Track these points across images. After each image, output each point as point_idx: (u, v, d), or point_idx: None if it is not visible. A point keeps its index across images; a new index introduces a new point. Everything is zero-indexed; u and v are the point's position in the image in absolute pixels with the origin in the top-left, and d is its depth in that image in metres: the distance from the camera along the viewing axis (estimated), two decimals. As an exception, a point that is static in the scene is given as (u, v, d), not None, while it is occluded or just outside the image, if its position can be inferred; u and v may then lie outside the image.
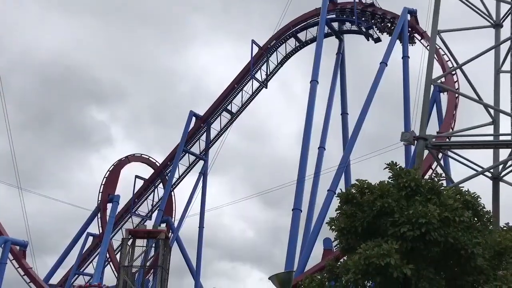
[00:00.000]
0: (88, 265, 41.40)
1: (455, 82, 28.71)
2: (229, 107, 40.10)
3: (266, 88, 39.77)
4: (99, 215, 39.17)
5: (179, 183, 41.34)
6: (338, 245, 9.14)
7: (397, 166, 8.74)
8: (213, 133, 40.68)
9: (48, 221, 66.85)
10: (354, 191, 8.87)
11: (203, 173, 39.68)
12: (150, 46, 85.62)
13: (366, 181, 8.83)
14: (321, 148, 30.68)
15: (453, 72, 27.53)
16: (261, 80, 39.53)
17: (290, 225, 26.22)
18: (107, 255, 36.71)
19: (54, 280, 39.55)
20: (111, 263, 38.68)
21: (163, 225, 36.20)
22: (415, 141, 18.79)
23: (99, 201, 39.40)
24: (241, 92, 39.78)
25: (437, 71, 25.98)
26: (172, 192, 41.54)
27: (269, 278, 10.54)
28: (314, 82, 31.22)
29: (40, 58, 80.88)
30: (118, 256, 34.91)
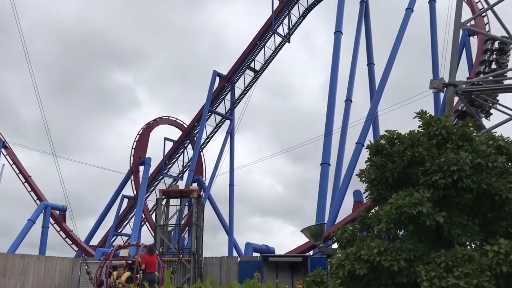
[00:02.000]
0: (125, 226, 42.96)
1: (486, 24, 27.59)
2: (252, 65, 39.74)
3: (289, 42, 39.11)
4: (132, 177, 40.22)
5: (207, 143, 41.84)
6: (368, 196, 9.14)
7: (427, 115, 8.55)
8: (237, 92, 40.61)
9: (83, 185, 69.05)
10: (384, 142, 8.76)
11: (230, 133, 39.92)
12: (169, 4, 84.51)
13: (396, 132, 8.70)
14: (348, 100, 30.33)
15: (483, 14, 26.40)
16: (283, 35, 38.83)
17: (319, 179, 26.38)
18: (143, 215, 37.90)
19: (94, 241, 41.31)
20: (147, 223, 40.02)
21: (195, 185, 36.94)
22: (445, 88, 18.32)
23: (131, 164, 40.37)
24: (263, 48, 39.26)
25: (466, 14, 24.97)
26: (201, 152, 42.15)
27: (301, 231, 10.73)
28: (338, 33, 30.55)
29: (60, 22, 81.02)
30: (153, 216, 36.08)
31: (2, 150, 37.55)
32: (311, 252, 24.07)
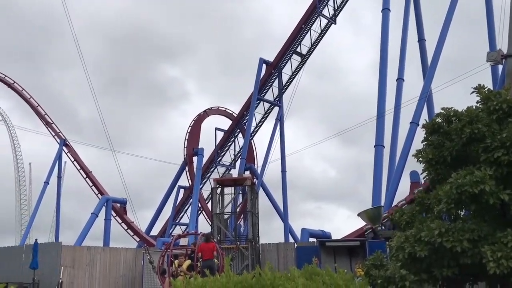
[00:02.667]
0: (183, 215, 44.16)
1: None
2: (298, 49, 39.32)
3: (335, 24, 38.38)
4: (186, 168, 41.19)
5: (257, 131, 42.03)
6: (426, 177, 8.92)
7: (485, 89, 8.19)
8: (285, 78, 40.37)
9: (140, 178, 71.55)
10: (440, 120, 8.49)
11: (279, 119, 39.86)
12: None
13: (452, 109, 8.41)
14: (400, 79, 29.48)
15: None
16: (329, 17, 38.14)
17: (373, 162, 25.93)
18: (199, 204, 38.77)
19: (154, 231, 42.74)
20: (203, 212, 40.93)
21: (247, 173, 37.30)
22: (503, 60, 17.42)
23: (185, 155, 41.31)
24: (309, 32, 38.75)
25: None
26: (252, 141, 42.43)
27: (358, 215, 10.66)
28: (385, 10, 29.69)
29: (108, 21, 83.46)
30: (209, 205, 36.81)
31: (64, 148, 39.45)
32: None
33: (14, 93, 40.41)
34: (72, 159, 39.61)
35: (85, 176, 39.01)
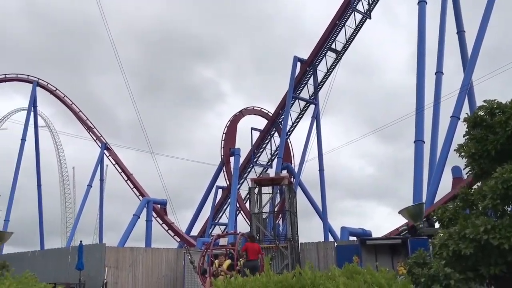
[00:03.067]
0: (222, 215, 44.54)
1: None
2: (333, 46, 38.94)
3: (370, 18, 37.79)
4: (224, 168, 41.52)
5: (293, 130, 41.90)
6: (469, 172, 8.65)
7: (531, 80, 7.86)
8: (320, 75, 40.04)
9: (179, 179, 72.62)
10: (483, 113, 8.22)
11: (316, 117, 39.59)
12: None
13: (495, 101, 8.12)
14: (439, 73, 28.75)
15: None
16: (363, 11, 37.61)
17: (413, 158, 25.39)
18: (237, 204, 39.00)
19: (194, 231, 43.31)
20: (241, 211, 41.15)
21: (284, 172, 37.26)
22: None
23: (222, 156, 41.66)
24: (343, 28, 38.31)
25: None
26: (288, 139, 42.35)
27: (399, 212, 10.45)
28: (422, 2, 29.08)
29: (143, 26, 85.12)
30: (247, 205, 36.99)
31: (105, 151, 40.54)
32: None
33: (56, 99, 41.85)
34: (114, 162, 40.66)
35: (126, 178, 39.95)
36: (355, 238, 24.66)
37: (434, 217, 8.62)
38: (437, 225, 9.08)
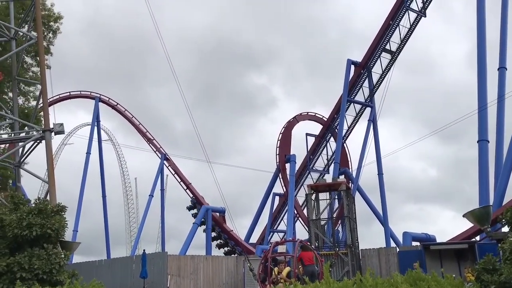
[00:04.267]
0: (280, 222, 44.50)
1: None
2: (387, 47, 38.11)
3: (425, 16, 36.67)
4: (280, 175, 41.49)
5: (349, 134, 41.28)
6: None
7: None
8: (375, 77, 39.27)
9: (235, 186, 73.44)
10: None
11: (372, 120, 38.80)
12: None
13: None
14: (502, 68, 27.30)
15: None
16: (417, 10, 36.57)
17: (478, 158, 24.27)
18: (295, 211, 38.82)
19: (253, 239, 43.53)
20: (299, 218, 40.91)
21: (342, 177, 36.71)
22: None
23: (277, 163, 41.67)
24: (397, 27, 37.40)
25: None
26: (344, 144, 41.74)
27: (464, 216, 10.00)
28: (480, -5, 27.83)
29: (195, 35, 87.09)
30: (305, 211, 36.73)
31: (165, 162, 41.69)
32: (477, 238, 22.25)
33: (117, 113, 43.63)
34: (173, 172, 41.73)
35: (185, 187, 40.85)
36: (418, 244, 23.85)
37: (503, 220, 8.20)
38: (506, 228, 8.61)
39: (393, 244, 34.75)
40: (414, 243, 27.19)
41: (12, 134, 20.16)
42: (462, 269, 16.67)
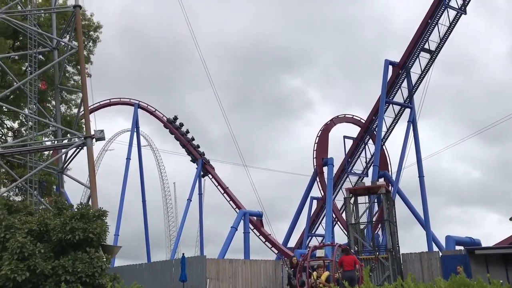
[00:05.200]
0: (318, 226, 44.12)
1: None
2: (426, 46, 37.27)
3: (465, 14, 35.68)
4: (317, 179, 41.18)
5: (388, 136, 40.56)
6: None
7: None
8: (414, 77, 38.48)
9: (272, 190, 73.31)
10: None
11: (412, 121, 38.00)
12: (325, 0, 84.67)
13: None
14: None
15: None
16: (457, 7, 35.62)
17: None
18: (333, 215, 38.42)
19: (291, 243, 43.32)
20: (338, 222, 40.46)
21: (381, 180, 36.06)
22: None
23: (315, 166, 41.37)
24: (436, 26, 36.53)
25: None
26: (383, 146, 41.03)
27: (510, 219, 9.63)
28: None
29: (229, 40, 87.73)
30: (343, 215, 36.30)
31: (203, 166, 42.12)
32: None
33: (155, 118, 44.44)
34: (211, 177, 42.12)
35: (222, 192, 41.14)
36: (462, 248, 23.15)
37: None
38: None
39: (435, 249, 33.89)
40: (458, 247, 26.45)
41: (55, 141, 20.87)
42: (510, 275, 16.04)
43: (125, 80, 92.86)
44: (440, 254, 20.03)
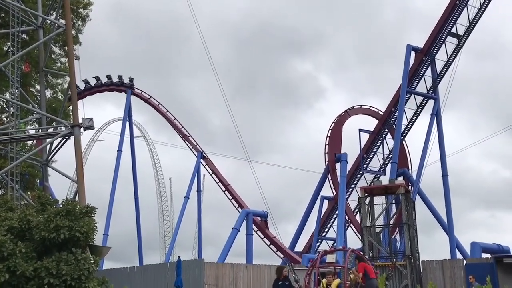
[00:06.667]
0: (329, 229, 44.19)
1: None
2: (453, 30, 37.09)
3: (498, -6, 35.44)
4: (329, 176, 41.20)
5: (409, 129, 40.49)
6: None
7: None
8: (439, 65, 38.36)
9: (278, 188, 73.36)
10: None
11: (436, 114, 37.93)
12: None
13: None
14: None
15: None
16: (489, -13, 35.35)
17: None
18: (346, 217, 38.49)
19: (299, 247, 43.42)
20: (351, 225, 40.52)
21: (400, 179, 35.98)
22: None
23: (326, 162, 41.37)
24: (465, 7, 36.31)
25: None
26: (403, 141, 40.97)
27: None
28: None
29: (232, 22, 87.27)
30: (357, 217, 36.32)
31: (201, 161, 42.24)
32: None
33: (148, 106, 44.54)
34: (210, 172, 42.26)
35: (224, 189, 41.27)
36: (489, 256, 23.16)
37: None
38: None
39: (459, 256, 33.92)
40: (484, 255, 26.46)
41: (40, 130, 20.93)
42: (541, 286, 16.04)
43: (115, 63, 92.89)
44: (465, 262, 20.08)
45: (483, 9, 35.87)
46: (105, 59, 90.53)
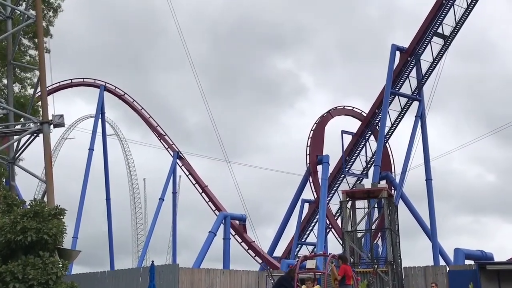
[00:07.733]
0: (309, 233, 44.38)
1: None
2: (439, 30, 37.57)
3: (485, -6, 36.01)
4: (310, 179, 41.32)
5: (392, 132, 40.88)
6: None
7: None
8: (424, 66, 38.79)
9: (257, 190, 73.36)
10: None
11: (420, 116, 38.36)
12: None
13: None
14: None
15: None
16: (476, -13, 35.92)
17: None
18: (327, 221, 38.66)
19: (278, 252, 43.53)
20: (332, 229, 40.72)
21: (383, 182, 36.39)
22: None
23: (307, 164, 41.51)
24: (452, 7, 36.83)
25: None
26: (387, 144, 41.38)
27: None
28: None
29: (210, 15, 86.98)
30: (339, 221, 36.55)
31: (178, 161, 42.06)
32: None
33: (122, 103, 44.18)
34: (187, 173, 42.10)
35: (201, 190, 41.16)
36: (472, 262, 23.53)
37: None
38: None
39: (442, 262, 34.33)
40: (468, 262, 26.85)
41: (6, 127, 20.62)
42: (524, 294, 16.37)
43: (85, 56, 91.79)
44: (448, 269, 20.35)
45: (469, 9, 36.38)
46: (77, 53, 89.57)
